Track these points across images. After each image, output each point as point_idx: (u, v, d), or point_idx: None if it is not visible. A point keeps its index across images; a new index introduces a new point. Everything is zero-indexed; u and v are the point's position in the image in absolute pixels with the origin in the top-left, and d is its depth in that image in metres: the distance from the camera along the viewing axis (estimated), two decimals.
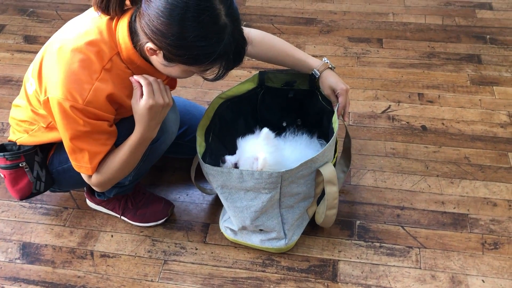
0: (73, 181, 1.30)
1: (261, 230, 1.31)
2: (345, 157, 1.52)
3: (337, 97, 1.35)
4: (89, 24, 1.08)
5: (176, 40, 0.96)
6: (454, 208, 1.47)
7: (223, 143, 1.44)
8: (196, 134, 1.30)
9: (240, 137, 1.30)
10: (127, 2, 1.08)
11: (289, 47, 1.38)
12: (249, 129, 1.56)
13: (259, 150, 1.21)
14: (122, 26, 1.06)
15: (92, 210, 1.51)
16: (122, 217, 1.46)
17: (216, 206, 1.51)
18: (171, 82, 1.29)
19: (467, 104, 1.82)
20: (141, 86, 1.08)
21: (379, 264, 1.34)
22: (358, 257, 1.36)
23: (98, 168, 1.16)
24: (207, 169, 1.20)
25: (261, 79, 1.47)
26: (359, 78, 1.96)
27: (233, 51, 1.02)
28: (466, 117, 1.77)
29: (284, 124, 1.60)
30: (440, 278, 1.30)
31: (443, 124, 1.74)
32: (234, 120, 1.49)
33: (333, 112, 1.35)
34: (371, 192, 1.53)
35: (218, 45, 0.98)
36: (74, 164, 1.15)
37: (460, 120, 1.76)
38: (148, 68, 1.11)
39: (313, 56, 1.40)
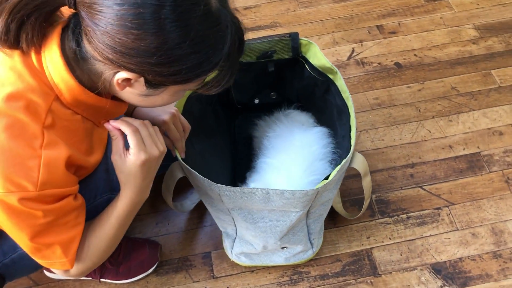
0: (30, 268, 0.96)
1: (283, 247, 1.08)
2: None
3: None
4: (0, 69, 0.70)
5: (168, 52, 0.64)
6: (464, 149, 1.34)
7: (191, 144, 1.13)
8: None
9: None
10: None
11: None
12: (220, 122, 1.28)
13: None
14: (53, 57, 0.69)
15: (56, 281, 1.17)
16: (102, 280, 1.15)
17: (209, 226, 1.24)
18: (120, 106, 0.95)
19: (430, 26, 1.65)
20: (123, 134, 0.76)
21: (415, 239, 1.19)
22: (390, 238, 1.19)
23: (77, 256, 0.83)
24: (221, 190, 0.90)
25: None
26: (308, 23, 1.70)
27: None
28: (436, 41, 1.61)
29: (256, 101, 1.33)
30: (481, 234, 1.18)
31: (415, 55, 1.57)
32: (203, 113, 1.19)
33: (327, 82, 1.10)
34: (374, 157, 1.34)
35: (224, 40, 0.68)
36: (42, 262, 0.81)
37: (431, 46, 1.59)
38: (105, 105, 0.77)
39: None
